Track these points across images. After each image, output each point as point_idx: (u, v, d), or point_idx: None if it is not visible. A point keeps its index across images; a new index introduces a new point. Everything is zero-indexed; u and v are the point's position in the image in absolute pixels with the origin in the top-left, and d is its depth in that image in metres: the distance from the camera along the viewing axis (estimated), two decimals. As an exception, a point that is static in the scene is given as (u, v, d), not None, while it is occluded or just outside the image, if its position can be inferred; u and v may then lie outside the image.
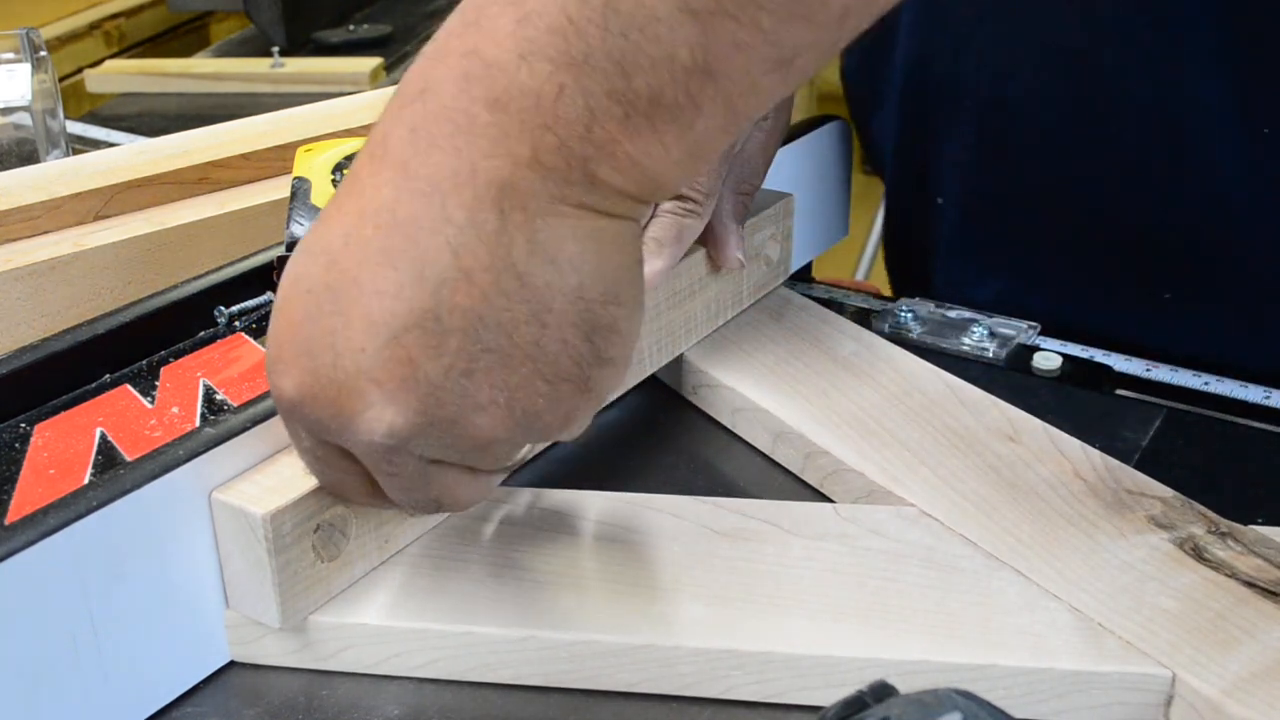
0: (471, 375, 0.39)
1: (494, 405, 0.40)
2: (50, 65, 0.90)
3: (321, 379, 0.40)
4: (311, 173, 0.58)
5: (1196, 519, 0.52)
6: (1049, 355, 0.69)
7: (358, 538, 0.49)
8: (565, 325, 0.39)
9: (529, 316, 0.39)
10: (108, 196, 0.65)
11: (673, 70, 0.36)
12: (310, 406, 0.40)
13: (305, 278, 0.40)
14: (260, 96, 1.27)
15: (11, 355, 0.51)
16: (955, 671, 0.46)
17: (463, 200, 0.37)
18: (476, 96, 0.37)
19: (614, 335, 0.41)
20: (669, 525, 0.53)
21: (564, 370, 0.40)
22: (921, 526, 0.53)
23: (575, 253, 0.39)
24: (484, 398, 0.39)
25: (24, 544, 0.40)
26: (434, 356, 0.38)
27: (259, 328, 0.57)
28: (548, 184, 0.37)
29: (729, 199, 0.62)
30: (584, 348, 0.40)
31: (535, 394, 0.40)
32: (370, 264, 0.38)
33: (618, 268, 0.40)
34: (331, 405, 0.40)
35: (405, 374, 0.39)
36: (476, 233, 0.37)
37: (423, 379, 0.39)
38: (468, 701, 0.47)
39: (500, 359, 0.39)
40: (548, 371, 0.40)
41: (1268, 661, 0.45)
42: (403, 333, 0.38)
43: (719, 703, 0.47)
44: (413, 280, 0.38)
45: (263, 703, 0.47)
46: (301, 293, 0.40)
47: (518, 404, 0.40)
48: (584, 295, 0.39)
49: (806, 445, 0.59)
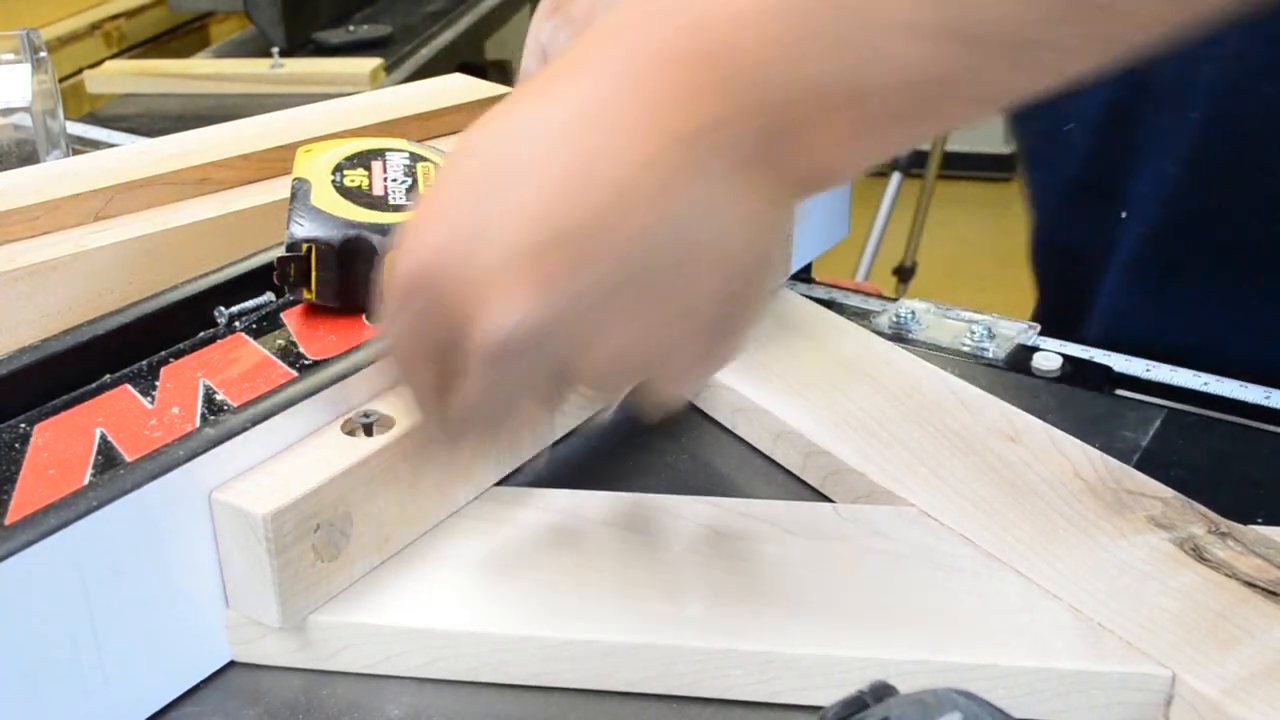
0: (607, 302, 0.39)
1: (616, 336, 0.40)
2: (50, 65, 0.90)
3: (464, 258, 0.39)
4: (311, 173, 0.58)
5: (1196, 519, 0.52)
6: (1049, 355, 0.69)
7: (358, 538, 0.49)
8: (707, 283, 0.39)
9: (676, 264, 0.39)
10: (108, 197, 0.65)
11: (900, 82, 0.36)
12: (443, 281, 0.39)
13: (471, 165, 0.40)
14: (260, 97, 1.27)
15: (11, 355, 0.51)
16: (955, 671, 0.46)
17: (648, 140, 0.37)
18: (690, 49, 0.37)
19: (748, 307, 0.41)
20: (669, 525, 0.53)
21: (701, 316, 0.40)
22: (921, 526, 0.53)
23: (734, 221, 0.39)
24: (609, 326, 0.40)
25: (24, 544, 0.40)
26: (578, 271, 0.38)
27: (259, 328, 0.57)
28: (731, 150, 0.38)
29: None
30: (718, 309, 0.40)
31: (669, 330, 0.40)
32: (544, 168, 0.38)
33: (769, 246, 0.40)
34: (466, 286, 0.39)
35: (547, 278, 0.38)
36: (653, 174, 0.38)
37: (562, 288, 0.38)
38: (468, 701, 0.47)
39: (638, 294, 0.39)
40: (676, 321, 0.40)
41: (1268, 661, 0.45)
42: (558, 239, 0.38)
43: (719, 703, 0.47)
44: (582, 196, 0.38)
45: (263, 703, 0.47)
46: (464, 178, 0.40)
47: (639, 342, 0.40)
48: (732, 262, 0.39)
49: (806, 445, 0.59)
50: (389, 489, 0.50)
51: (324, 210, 0.56)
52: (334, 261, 0.55)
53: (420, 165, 0.60)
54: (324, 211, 0.56)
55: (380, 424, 0.50)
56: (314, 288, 0.56)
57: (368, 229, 0.56)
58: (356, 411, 0.50)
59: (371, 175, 0.59)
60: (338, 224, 0.56)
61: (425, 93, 0.81)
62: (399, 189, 0.58)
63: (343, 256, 0.55)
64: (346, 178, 0.58)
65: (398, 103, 0.78)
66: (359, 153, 0.60)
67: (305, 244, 0.55)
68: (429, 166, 0.60)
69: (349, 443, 0.49)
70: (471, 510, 0.54)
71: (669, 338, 0.41)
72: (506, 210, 0.38)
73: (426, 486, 0.52)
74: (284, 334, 0.56)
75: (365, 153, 0.60)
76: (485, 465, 0.55)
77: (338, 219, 0.56)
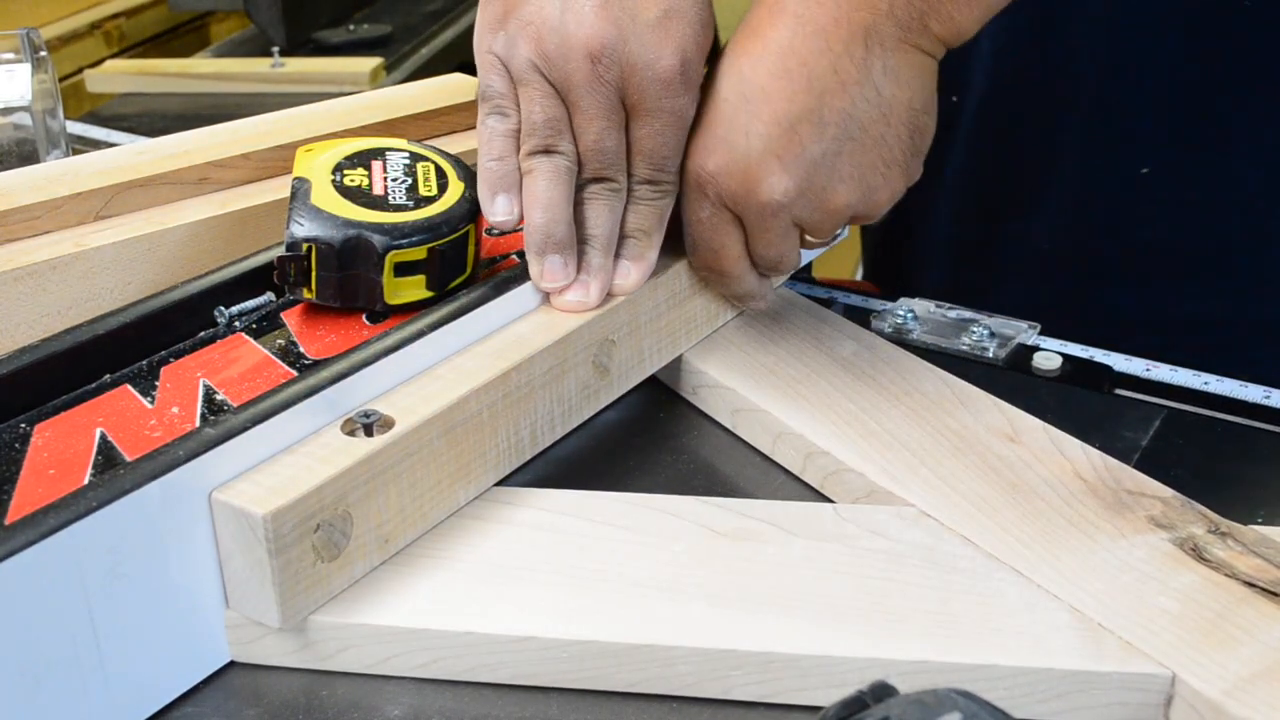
0: (839, 156, 0.57)
1: (850, 179, 0.57)
2: (50, 65, 0.90)
3: (738, 158, 0.57)
4: (311, 173, 0.58)
5: (1196, 519, 0.52)
6: (1049, 355, 0.69)
7: (358, 538, 0.49)
8: (900, 125, 0.57)
9: (879, 117, 0.56)
10: (108, 196, 0.64)
11: None
12: (726, 178, 0.58)
13: (722, 93, 0.57)
14: (260, 96, 1.27)
15: (11, 355, 0.51)
16: (955, 671, 0.46)
17: (840, 37, 0.55)
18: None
19: (926, 135, 0.59)
20: (669, 525, 0.53)
21: (896, 157, 0.58)
22: (921, 526, 0.53)
23: (910, 76, 0.56)
24: (845, 173, 0.57)
25: (24, 544, 0.40)
26: (816, 140, 0.56)
27: (259, 328, 0.57)
28: (897, 29, 0.55)
29: None
30: (909, 142, 0.58)
31: (877, 173, 0.58)
32: (774, 78, 0.56)
33: (930, 88, 0.58)
34: (743, 175, 0.57)
35: (797, 152, 0.56)
36: (850, 58, 0.55)
37: (808, 156, 0.56)
38: (468, 701, 0.47)
39: (858, 146, 0.57)
40: (887, 157, 0.57)
41: (1268, 661, 0.45)
42: (797, 122, 0.56)
43: (719, 703, 0.47)
44: (804, 89, 0.56)
45: (263, 703, 0.47)
46: (720, 102, 0.58)
47: (865, 179, 0.58)
48: (912, 105, 0.57)
49: (806, 445, 0.59)
50: (389, 489, 0.50)
51: (324, 210, 0.56)
52: (334, 261, 0.55)
53: (420, 165, 0.60)
54: (324, 211, 0.56)
55: (380, 424, 0.50)
56: (314, 287, 0.56)
57: (368, 228, 0.56)
58: (357, 411, 0.50)
59: (371, 175, 0.59)
60: (338, 223, 0.56)
61: (425, 93, 0.81)
62: (399, 189, 0.58)
63: (343, 256, 0.55)
64: (346, 177, 0.58)
65: (398, 103, 0.78)
66: (359, 152, 0.60)
67: (305, 243, 0.55)
68: (429, 166, 0.60)
69: (349, 443, 0.49)
70: (471, 510, 0.54)
71: (884, 169, 0.58)
72: (757, 117, 0.56)
73: (426, 486, 0.52)
74: (284, 334, 0.56)
75: (365, 152, 0.60)
76: (483, 466, 0.55)
77: (338, 218, 0.56)
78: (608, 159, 0.58)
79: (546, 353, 0.56)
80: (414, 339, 0.53)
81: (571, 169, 0.58)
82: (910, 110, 0.57)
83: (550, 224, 0.58)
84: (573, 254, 0.58)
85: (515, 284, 0.58)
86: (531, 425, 0.57)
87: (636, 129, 0.58)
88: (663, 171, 0.59)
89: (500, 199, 0.59)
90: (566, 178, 0.58)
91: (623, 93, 0.57)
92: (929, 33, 0.56)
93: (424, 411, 0.51)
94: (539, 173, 0.58)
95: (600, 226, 0.59)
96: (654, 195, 0.60)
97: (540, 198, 0.58)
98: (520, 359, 0.55)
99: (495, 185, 0.59)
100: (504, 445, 0.55)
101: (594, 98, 0.57)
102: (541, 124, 0.58)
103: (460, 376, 0.53)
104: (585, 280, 0.59)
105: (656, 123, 0.58)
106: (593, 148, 0.58)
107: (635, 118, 0.58)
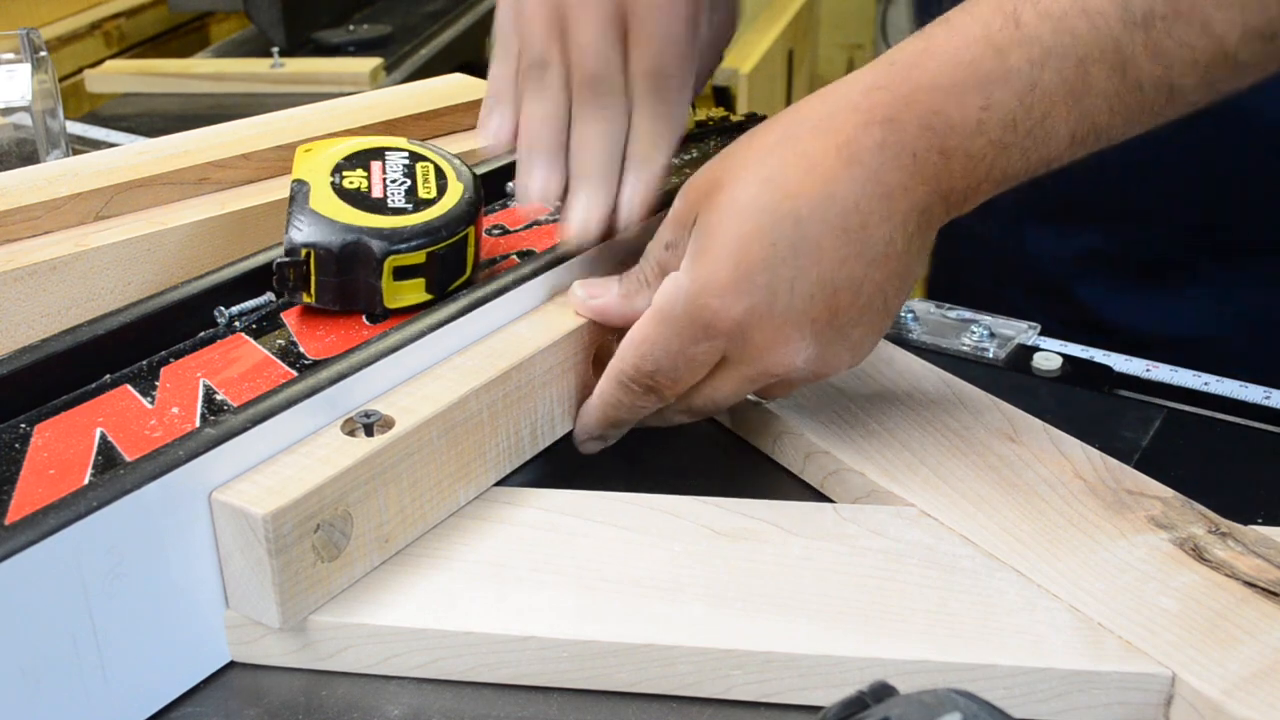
0: (857, 326, 0.53)
1: (855, 348, 0.54)
2: (50, 65, 0.90)
3: (775, 313, 0.52)
4: (311, 174, 0.58)
5: (1196, 519, 0.52)
6: (1049, 355, 0.69)
7: (358, 538, 0.49)
8: (906, 295, 0.55)
9: (900, 289, 0.54)
10: (108, 196, 0.64)
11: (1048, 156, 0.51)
12: (752, 330, 0.52)
13: (770, 233, 0.51)
14: (260, 96, 1.27)
15: (11, 355, 0.51)
16: (955, 671, 0.46)
17: (903, 209, 0.51)
18: (933, 145, 0.51)
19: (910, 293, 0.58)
20: (669, 525, 0.53)
21: (887, 325, 0.55)
22: (921, 526, 0.53)
23: (927, 254, 0.54)
24: (853, 341, 0.54)
25: (24, 544, 0.40)
26: (849, 309, 0.53)
27: (259, 328, 0.57)
28: (945, 211, 0.53)
29: None
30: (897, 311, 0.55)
31: (870, 341, 0.55)
32: (833, 234, 0.51)
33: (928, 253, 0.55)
34: (771, 332, 0.52)
35: (829, 319, 0.53)
36: (903, 232, 0.52)
37: (835, 323, 0.53)
38: (468, 701, 0.47)
39: (875, 316, 0.53)
40: (884, 324, 0.55)
41: (1268, 661, 0.45)
42: (840, 289, 0.52)
43: (719, 703, 0.47)
44: (857, 255, 0.52)
45: (263, 703, 0.47)
46: (766, 243, 0.51)
47: (862, 346, 0.55)
48: (918, 279, 0.55)
49: (806, 445, 0.59)
50: (389, 489, 0.50)
51: (323, 214, 0.56)
52: (333, 266, 0.55)
53: (420, 165, 0.60)
54: (323, 215, 0.56)
55: (380, 424, 0.50)
56: (313, 292, 0.56)
57: (366, 233, 0.55)
58: (357, 411, 0.50)
59: (371, 176, 0.58)
60: (337, 228, 0.55)
61: (425, 93, 0.81)
62: (398, 191, 0.58)
63: (341, 261, 0.55)
64: (346, 179, 0.58)
65: (398, 103, 0.78)
66: (358, 152, 0.60)
67: (304, 249, 0.55)
68: (428, 167, 0.60)
69: (349, 443, 0.49)
70: (471, 510, 0.54)
71: (870, 345, 0.55)
72: (804, 275, 0.51)
73: (426, 486, 0.52)
74: (284, 334, 0.56)
75: (365, 152, 0.60)
76: (483, 466, 0.55)
77: (337, 223, 0.55)
78: (602, 72, 0.57)
79: (546, 352, 0.56)
80: (414, 339, 0.53)
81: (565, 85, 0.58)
82: (915, 281, 0.55)
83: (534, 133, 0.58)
84: (558, 164, 0.58)
85: (515, 284, 0.58)
86: (531, 425, 0.57)
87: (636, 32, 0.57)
88: (666, 77, 0.58)
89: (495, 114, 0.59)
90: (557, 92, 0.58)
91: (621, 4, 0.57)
92: (956, 213, 0.54)
93: (424, 411, 0.51)
94: (530, 88, 0.58)
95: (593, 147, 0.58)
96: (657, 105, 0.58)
97: (529, 110, 0.58)
98: (520, 359, 0.55)
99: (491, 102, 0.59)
100: (504, 445, 0.55)
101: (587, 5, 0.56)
102: (537, 37, 0.57)
103: (460, 376, 0.53)
104: (586, 204, 0.58)
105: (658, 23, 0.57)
106: (587, 60, 0.57)
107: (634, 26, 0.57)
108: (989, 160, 0.51)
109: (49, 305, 0.60)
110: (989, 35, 0.50)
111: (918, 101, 0.51)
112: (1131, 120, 0.50)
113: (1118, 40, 0.48)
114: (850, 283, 0.52)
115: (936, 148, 0.51)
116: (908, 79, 0.51)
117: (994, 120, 0.50)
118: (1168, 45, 0.48)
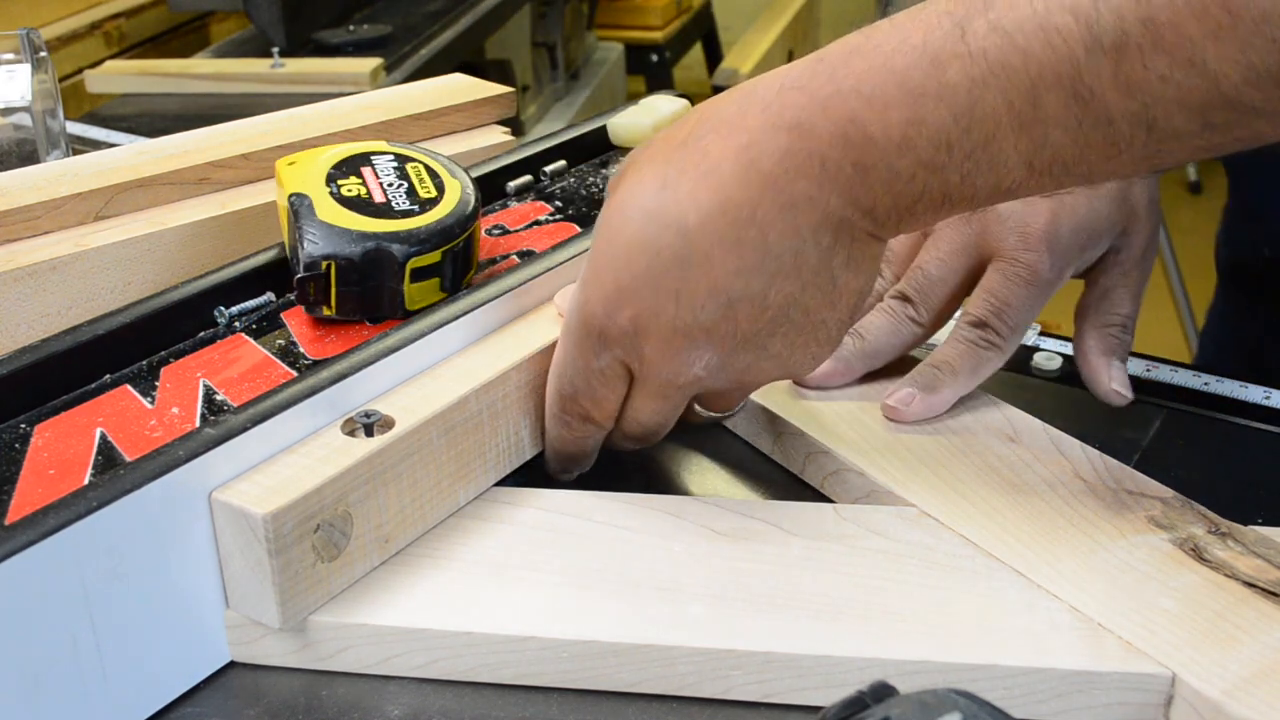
0: (772, 337, 0.50)
1: (777, 358, 0.51)
2: (50, 65, 0.90)
3: (660, 321, 0.50)
4: (306, 187, 0.57)
5: (1196, 519, 0.52)
6: (1049, 355, 0.69)
7: (358, 538, 0.49)
8: (844, 309, 0.51)
9: (827, 304, 0.50)
10: (108, 196, 0.64)
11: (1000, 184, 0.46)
12: (642, 339, 0.50)
13: (654, 242, 0.49)
14: (260, 96, 1.27)
15: (11, 355, 0.51)
16: (955, 671, 0.46)
17: (810, 221, 0.47)
18: (848, 158, 0.46)
19: (864, 309, 0.59)
20: (669, 525, 0.53)
21: (831, 336, 0.52)
22: (921, 526, 0.53)
23: (867, 264, 0.50)
24: (773, 351, 0.51)
25: (24, 544, 0.40)
26: (752, 320, 0.49)
27: (259, 328, 0.57)
28: (871, 225, 0.48)
29: (1091, 335, 0.63)
30: (848, 322, 0.52)
31: (807, 352, 0.52)
32: (724, 247, 0.48)
33: (878, 268, 0.51)
34: (664, 342, 0.50)
35: (728, 329, 0.50)
36: (815, 245, 0.48)
37: (738, 334, 0.50)
38: (468, 701, 0.47)
39: (794, 328, 0.50)
40: (821, 337, 0.51)
41: (1268, 661, 0.45)
42: (737, 301, 0.49)
43: (719, 703, 0.47)
44: (755, 266, 0.48)
45: (263, 703, 0.47)
46: (650, 253, 0.49)
47: (792, 357, 0.52)
48: (862, 291, 0.51)
49: (807, 445, 0.59)
50: (389, 489, 0.50)
51: (334, 224, 0.55)
52: (356, 275, 0.55)
53: (410, 166, 0.60)
54: (335, 226, 0.55)
55: (380, 424, 0.50)
56: (334, 303, 0.55)
57: (385, 238, 0.55)
58: (357, 411, 0.50)
59: (366, 182, 0.58)
60: (353, 237, 0.55)
61: (425, 93, 0.81)
62: (399, 193, 0.58)
63: (364, 269, 0.55)
64: (343, 187, 0.57)
65: (398, 103, 0.78)
66: (345, 159, 0.59)
67: (325, 261, 0.54)
68: (418, 167, 0.60)
69: (349, 443, 0.49)
70: (471, 510, 0.54)
71: (805, 356, 0.52)
72: (692, 285, 0.49)
73: (426, 486, 0.52)
74: (284, 334, 0.56)
75: (352, 158, 0.59)
76: (483, 466, 0.55)
77: (352, 232, 0.55)
78: (919, 282, 0.62)
79: (546, 352, 0.56)
80: (414, 339, 0.53)
81: None
82: (859, 295, 0.51)
83: None
84: None
85: (515, 284, 0.58)
86: (532, 425, 0.57)
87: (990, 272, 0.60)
88: (1003, 324, 0.60)
89: None
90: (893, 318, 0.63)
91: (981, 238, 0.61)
92: (889, 232, 0.49)
93: (424, 411, 0.51)
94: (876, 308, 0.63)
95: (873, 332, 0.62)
96: (980, 342, 0.60)
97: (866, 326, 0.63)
98: (520, 359, 0.55)
99: None
100: (504, 445, 0.55)
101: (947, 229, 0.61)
102: None
103: (460, 376, 0.53)
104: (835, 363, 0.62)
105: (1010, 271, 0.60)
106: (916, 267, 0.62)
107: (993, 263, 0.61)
108: (921, 180, 0.46)
109: (49, 305, 0.60)
110: (928, 43, 0.44)
111: (834, 107, 0.46)
112: (1109, 156, 0.44)
113: (1078, 66, 0.42)
114: (750, 295, 0.48)
115: (851, 160, 0.46)
116: (830, 80, 0.46)
117: (923, 138, 0.45)
118: (1144, 79, 0.41)
